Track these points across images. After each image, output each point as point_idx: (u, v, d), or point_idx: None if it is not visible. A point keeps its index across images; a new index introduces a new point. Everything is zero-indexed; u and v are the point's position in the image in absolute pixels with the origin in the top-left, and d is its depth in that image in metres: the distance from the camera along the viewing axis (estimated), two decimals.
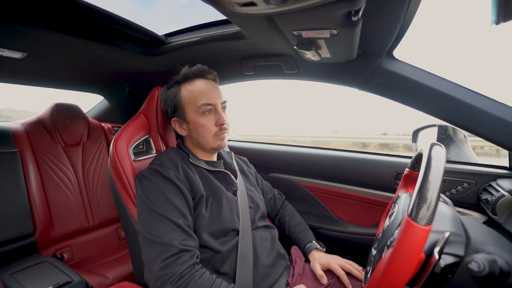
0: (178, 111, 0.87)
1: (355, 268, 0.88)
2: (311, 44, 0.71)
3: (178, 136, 0.95)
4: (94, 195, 1.46)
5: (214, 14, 0.66)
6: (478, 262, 0.41)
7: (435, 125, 1.09)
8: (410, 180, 0.72)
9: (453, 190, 0.97)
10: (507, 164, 0.92)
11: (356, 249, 1.17)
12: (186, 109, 0.85)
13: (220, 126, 0.85)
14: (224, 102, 0.87)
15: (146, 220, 0.72)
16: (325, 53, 0.77)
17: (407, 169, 0.72)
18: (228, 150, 1.09)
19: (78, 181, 1.41)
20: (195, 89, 0.85)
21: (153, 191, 0.74)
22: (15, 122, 1.36)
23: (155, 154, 0.98)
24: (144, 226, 0.72)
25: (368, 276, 0.56)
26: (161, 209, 0.71)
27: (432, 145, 0.50)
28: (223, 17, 0.83)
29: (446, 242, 0.45)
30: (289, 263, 0.93)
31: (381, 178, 1.14)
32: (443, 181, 0.98)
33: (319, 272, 0.88)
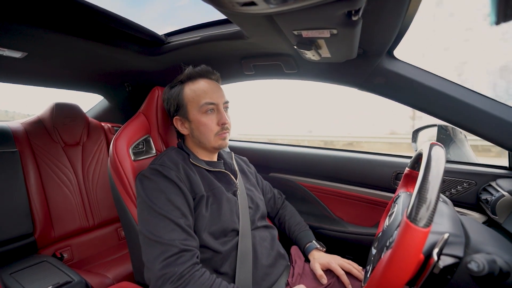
0: (180, 110, 0.87)
1: (355, 268, 0.89)
2: (311, 43, 0.71)
3: (179, 136, 0.95)
4: (94, 194, 1.46)
5: (214, 14, 0.66)
6: (478, 262, 0.41)
7: (435, 125, 1.09)
8: (410, 179, 0.73)
9: (452, 190, 0.97)
10: (506, 164, 0.92)
11: (356, 249, 1.17)
12: (189, 108, 0.86)
13: (222, 126, 0.85)
14: (227, 102, 0.88)
15: (147, 220, 0.72)
16: (325, 52, 0.77)
17: (407, 168, 0.72)
18: (229, 150, 1.09)
19: (77, 181, 1.41)
20: (198, 88, 0.86)
21: (154, 191, 0.74)
22: (15, 122, 1.36)
23: (155, 154, 0.98)
24: (145, 225, 0.72)
25: (368, 275, 0.56)
26: (162, 209, 0.71)
27: (432, 145, 0.50)
28: (223, 17, 0.83)
29: (445, 243, 0.45)
30: (289, 263, 0.93)
31: (381, 178, 1.14)
32: (443, 181, 0.98)
33: (319, 272, 0.88)
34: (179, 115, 0.89)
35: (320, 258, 0.92)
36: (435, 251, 0.44)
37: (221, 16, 0.73)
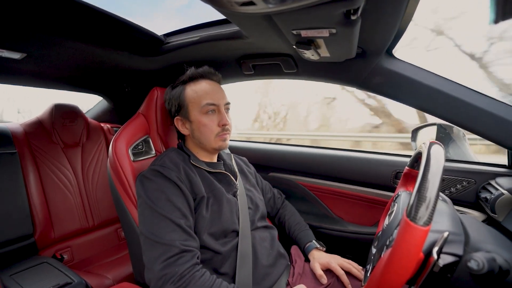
0: (181, 110, 0.88)
1: (355, 268, 0.89)
2: (310, 43, 0.71)
3: (180, 136, 0.95)
4: (94, 195, 1.45)
5: (213, 14, 0.66)
6: (478, 260, 0.41)
7: (434, 124, 1.09)
8: (409, 178, 0.73)
9: (452, 189, 0.97)
10: (506, 163, 0.92)
11: (355, 248, 1.17)
12: (190, 108, 0.86)
13: (223, 127, 0.85)
14: (228, 103, 0.88)
15: (148, 221, 0.72)
16: (324, 52, 0.77)
17: (406, 168, 0.72)
18: (228, 151, 1.09)
19: (77, 182, 1.41)
20: (200, 89, 0.86)
21: (155, 191, 0.74)
22: (14, 123, 1.36)
23: (155, 155, 0.98)
24: (145, 226, 0.72)
25: (368, 274, 0.56)
26: (162, 209, 0.72)
27: (431, 144, 0.50)
28: (222, 17, 0.83)
29: (445, 242, 0.45)
30: (289, 263, 0.93)
31: (381, 177, 1.14)
32: (442, 180, 0.98)
33: (319, 271, 0.88)
34: (180, 115, 0.89)
35: (320, 258, 0.92)
36: (435, 249, 0.44)
37: (220, 16, 0.73)
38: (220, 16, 0.81)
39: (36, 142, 1.32)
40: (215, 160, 0.95)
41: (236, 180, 0.92)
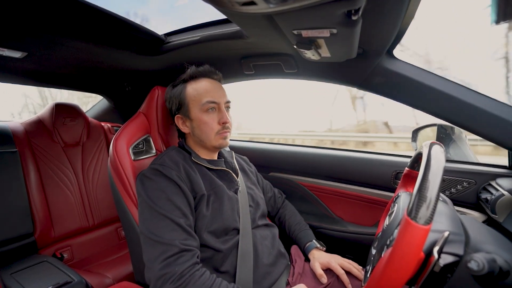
0: (182, 108, 0.88)
1: (355, 267, 0.89)
2: (311, 43, 0.71)
3: (180, 135, 0.95)
4: (94, 194, 1.46)
5: (214, 14, 0.66)
6: (478, 261, 0.41)
7: (434, 125, 1.09)
8: (409, 179, 0.73)
9: (452, 190, 0.97)
10: (506, 164, 0.92)
11: (355, 248, 1.17)
12: (191, 106, 0.86)
13: (223, 125, 0.85)
14: (228, 102, 0.89)
15: (148, 220, 0.72)
16: (325, 52, 0.77)
17: (406, 168, 0.72)
18: (229, 149, 1.09)
19: (77, 181, 1.41)
20: (200, 87, 0.86)
21: (155, 190, 0.74)
22: (15, 122, 1.36)
23: (155, 154, 0.98)
24: (145, 225, 0.72)
25: (368, 275, 0.56)
26: (162, 208, 0.72)
27: (432, 144, 0.50)
28: (223, 17, 0.83)
29: (446, 241, 0.45)
30: (289, 263, 0.93)
31: (381, 178, 1.14)
32: (443, 181, 0.98)
33: (319, 271, 0.88)
34: (180, 114, 0.89)
35: (320, 258, 0.92)
36: (436, 249, 0.44)
37: (221, 16, 0.73)
38: (221, 16, 0.82)
39: (37, 141, 1.32)
40: (215, 157, 0.95)
41: (237, 177, 0.93)
